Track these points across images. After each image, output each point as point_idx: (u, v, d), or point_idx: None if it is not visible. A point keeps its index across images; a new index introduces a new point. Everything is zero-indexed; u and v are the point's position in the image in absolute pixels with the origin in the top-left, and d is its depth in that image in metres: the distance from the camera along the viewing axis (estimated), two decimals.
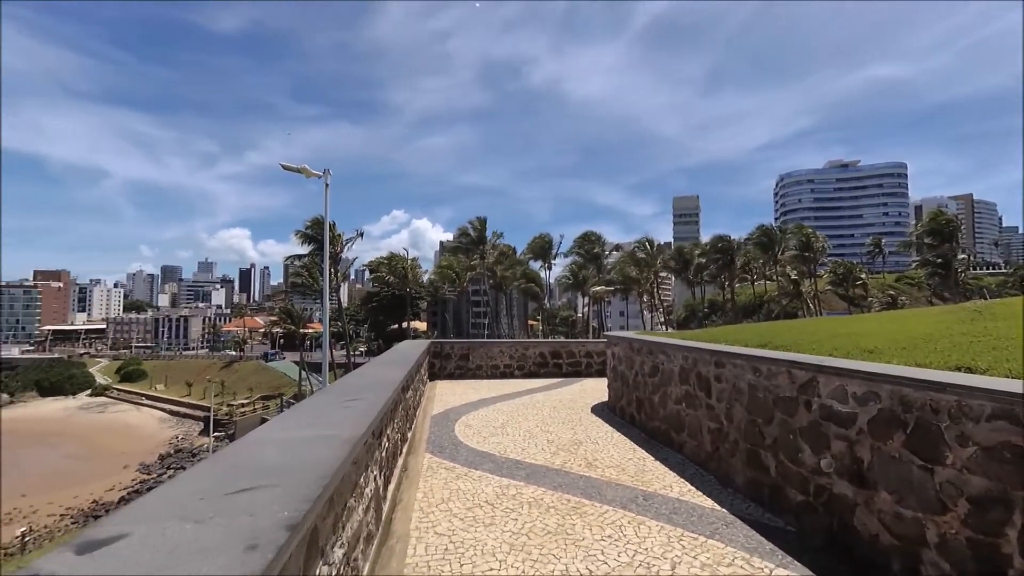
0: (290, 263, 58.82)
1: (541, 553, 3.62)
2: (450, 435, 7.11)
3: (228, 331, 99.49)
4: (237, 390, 58.86)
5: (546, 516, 4.26)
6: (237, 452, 2.59)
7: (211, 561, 1.45)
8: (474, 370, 13.19)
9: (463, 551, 3.66)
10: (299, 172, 11.55)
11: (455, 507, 4.47)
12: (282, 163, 11.25)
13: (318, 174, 11.79)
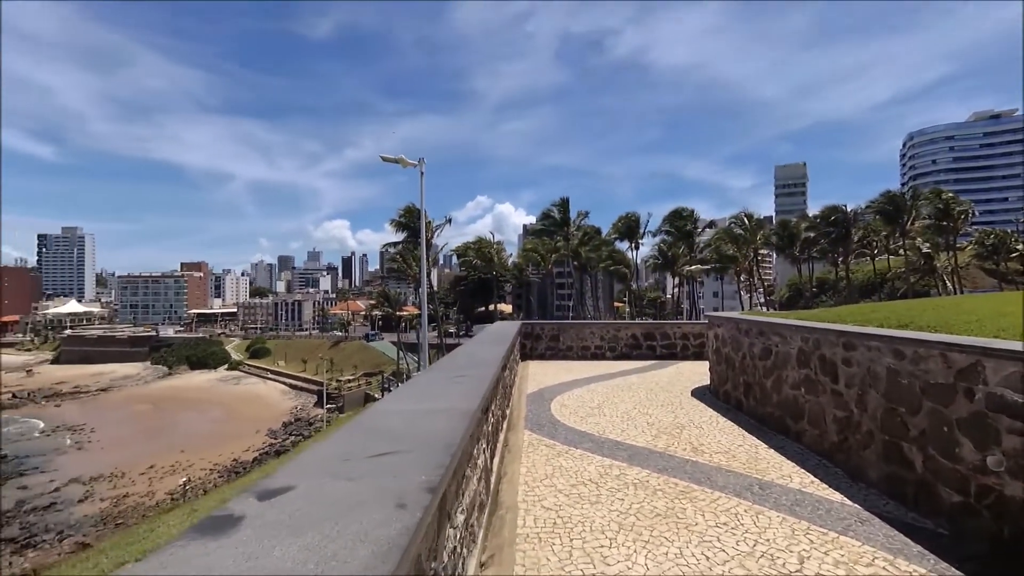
0: (385, 250, 62.75)
1: (652, 535, 3.54)
2: (547, 414, 7.19)
3: (334, 314, 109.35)
4: (344, 367, 64.59)
5: (654, 498, 4.16)
6: (368, 421, 2.82)
7: (368, 515, 1.59)
8: (564, 351, 13.20)
9: (571, 526, 3.70)
10: (397, 162, 12.22)
11: (559, 483, 4.53)
12: (382, 155, 11.99)
13: (414, 163, 12.39)
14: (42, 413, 53.22)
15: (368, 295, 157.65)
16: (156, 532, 3.83)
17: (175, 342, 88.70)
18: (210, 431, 45.80)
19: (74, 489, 32.72)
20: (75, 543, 25.59)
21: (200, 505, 4.78)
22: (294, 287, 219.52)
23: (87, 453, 40.24)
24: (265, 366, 74.22)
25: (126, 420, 50.28)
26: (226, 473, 36.12)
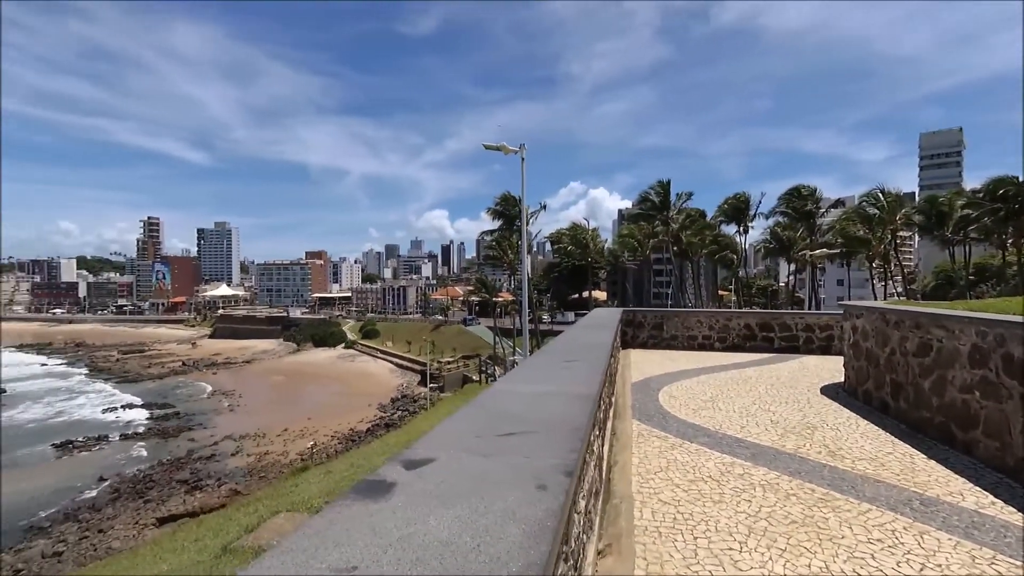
0: (482, 238, 64.60)
1: (789, 544, 3.20)
2: (655, 404, 6.89)
3: (435, 299, 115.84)
4: (444, 349, 68.24)
5: (787, 503, 3.77)
6: (490, 401, 2.86)
7: (511, 492, 1.58)
8: (668, 340, 12.57)
9: (693, 524, 3.48)
10: (499, 149, 12.42)
11: (675, 477, 4.30)
12: (484, 143, 12.27)
13: (515, 150, 12.51)
14: (204, 379, 63.41)
15: (465, 282, 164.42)
16: (299, 488, 4.43)
17: (302, 322, 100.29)
18: (331, 402, 51.13)
19: (227, 444, 38.59)
20: (229, 489, 30.29)
21: (333, 467, 5.40)
22: (399, 274, 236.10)
23: (237, 415, 47.17)
24: (375, 346, 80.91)
25: (265, 389, 58.03)
26: (344, 440, 40.11)
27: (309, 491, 4.35)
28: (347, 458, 6.11)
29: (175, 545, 3.83)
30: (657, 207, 54.68)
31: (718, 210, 55.39)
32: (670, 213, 54.50)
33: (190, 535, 4.00)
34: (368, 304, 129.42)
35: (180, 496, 29.41)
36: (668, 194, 54.06)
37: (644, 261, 72.06)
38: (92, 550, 23.42)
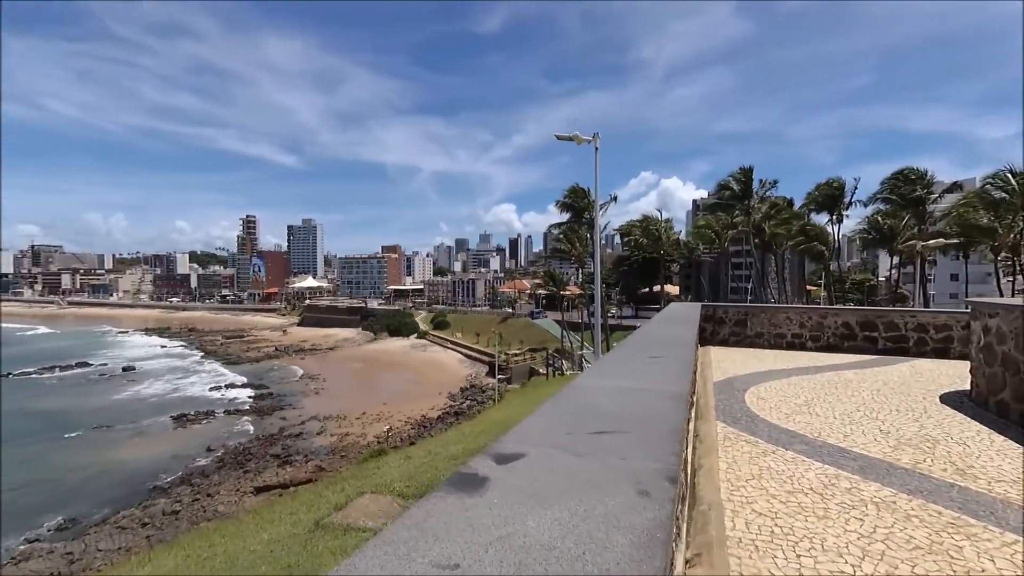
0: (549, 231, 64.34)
1: (914, 572, 2.81)
2: (740, 406, 6.43)
3: (503, 292, 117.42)
4: (511, 341, 69.07)
5: (907, 525, 3.32)
6: (575, 396, 2.76)
7: (612, 496, 1.48)
8: (752, 337, 11.72)
9: (795, 540, 3.16)
10: (571, 139, 12.18)
11: (770, 487, 3.95)
12: (556, 134, 12.09)
13: (588, 139, 12.20)
14: (293, 363, 69.01)
15: (532, 275, 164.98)
16: (381, 471, 4.65)
17: (378, 312, 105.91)
18: (404, 389, 53.60)
19: (313, 424, 41.72)
20: (315, 466, 32.78)
21: (411, 453, 5.68)
22: (468, 267, 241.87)
23: (321, 397, 50.86)
24: (445, 337, 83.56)
25: (346, 374, 62.03)
26: (416, 426, 41.92)
27: (390, 475, 4.51)
28: (424, 445, 6.35)
29: (273, 516, 4.14)
30: (737, 196, 51.30)
31: (807, 198, 50.89)
32: (752, 202, 50.93)
33: (286, 508, 4.31)
34: (439, 296, 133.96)
35: (273, 469, 32.30)
36: (750, 181, 50.50)
37: (721, 254, 68.15)
38: (202, 511, 26.40)
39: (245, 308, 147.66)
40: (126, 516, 26.08)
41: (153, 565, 3.45)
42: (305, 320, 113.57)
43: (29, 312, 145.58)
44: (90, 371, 63.88)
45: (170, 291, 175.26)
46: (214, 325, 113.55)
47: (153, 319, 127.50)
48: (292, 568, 2.97)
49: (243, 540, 3.71)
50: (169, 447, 36.35)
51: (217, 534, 4.05)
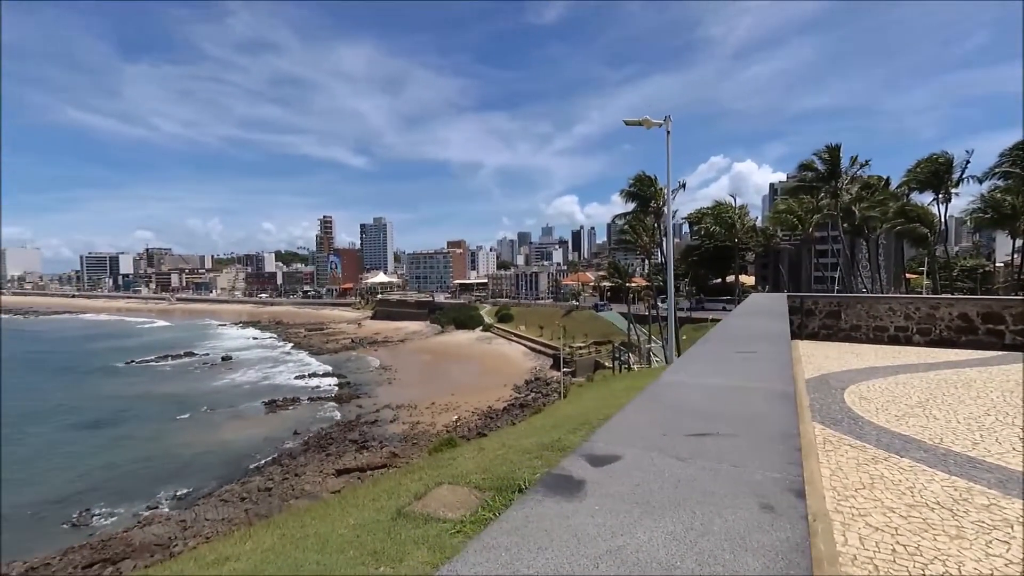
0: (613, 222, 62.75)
1: None
2: (840, 406, 5.83)
3: (566, 284, 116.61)
4: (575, 334, 68.40)
5: None
6: (665, 393, 2.58)
7: (730, 509, 1.31)
8: (847, 331, 10.66)
9: (923, 561, 2.77)
10: (640, 124, 11.65)
11: (886, 499, 3.51)
12: (625, 119, 11.61)
13: (659, 122, 11.60)
14: (368, 354, 72.91)
15: (596, 267, 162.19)
16: (456, 462, 4.75)
17: (445, 306, 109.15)
18: (470, 381, 54.85)
19: (387, 412, 43.83)
20: (389, 452, 34.49)
21: (485, 445, 5.74)
22: (531, 260, 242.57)
23: (394, 387, 53.31)
24: (510, 329, 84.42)
25: (416, 365, 64.56)
26: (483, 417, 42.75)
27: (465, 466, 4.54)
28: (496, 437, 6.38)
29: (357, 501, 4.31)
30: (823, 176, 47.05)
31: (908, 175, 45.61)
32: (840, 182, 46.51)
33: (368, 494, 4.47)
34: (502, 289, 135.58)
35: (352, 453, 34.37)
36: (837, 160, 46.10)
37: (804, 240, 63.02)
38: (291, 489, 28.67)
39: (324, 303, 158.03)
40: (228, 490, 28.93)
41: (253, 541, 3.69)
42: (377, 314, 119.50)
43: (146, 307, 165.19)
44: (195, 360, 71.38)
45: (259, 288, 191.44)
46: (297, 319, 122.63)
47: (246, 313, 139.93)
48: (378, 554, 3.03)
49: (331, 523, 3.87)
50: (262, 430, 39.78)
51: (308, 515, 4.27)
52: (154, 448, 35.89)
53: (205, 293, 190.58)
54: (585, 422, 5.03)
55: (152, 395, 51.10)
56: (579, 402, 7.74)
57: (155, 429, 40.26)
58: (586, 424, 4.92)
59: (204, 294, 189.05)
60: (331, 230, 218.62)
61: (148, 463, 33.08)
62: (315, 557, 3.22)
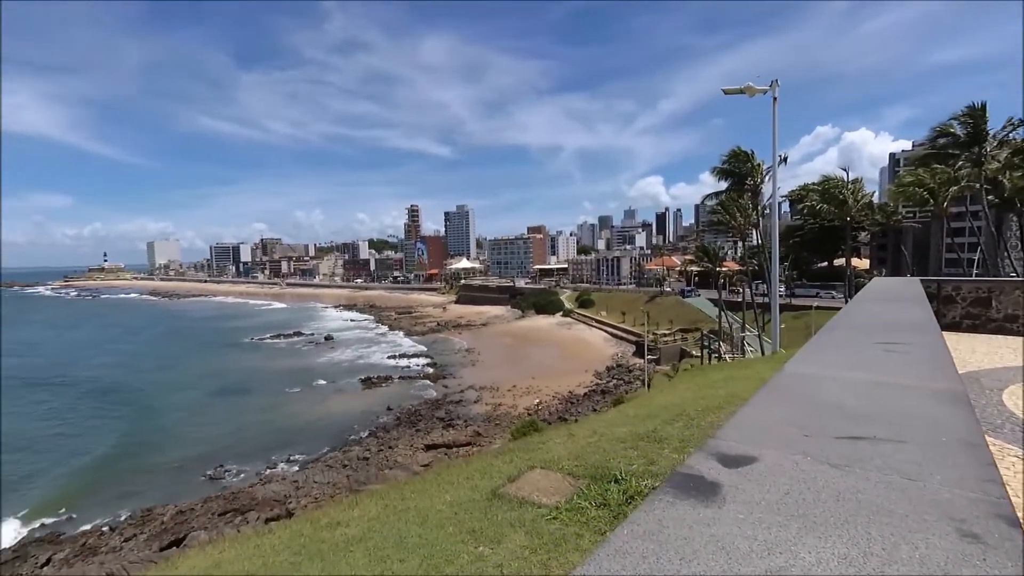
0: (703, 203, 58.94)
1: None
2: (998, 408, 4.92)
3: (650, 269, 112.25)
4: (659, 321, 65.82)
5: None
6: (797, 387, 2.28)
7: (919, 534, 1.07)
8: (1000, 321, 9.05)
9: None
10: (741, 92, 10.59)
11: None
12: (724, 88, 10.60)
13: (763, 89, 10.47)
14: (452, 337, 76.01)
15: (682, 251, 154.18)
16: (547, 446, 4.72)
17: (525, 291, 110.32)
18: (551, 365, 55.11)
19: (470, 393, 45.49)
20: (473, 431, 35.85)
21: (575, 431, 5.69)
22: (612, 244, 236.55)
23: (477, 369, 55.13)
24: (590, 315, 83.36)
25: (498, 349, 66.14)
26: (564, 401, 42.83)
27: (556, 451, 4.49)
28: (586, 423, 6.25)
29: (451, 478, 4.44)
30: (962, 142, 40.25)
31: None
32: (985, 148, 39.50)
33: (462, 472, 4.59)
34: (583, 274, 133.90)
35: (439, 430, 36.22)
36: (982, 122, 39.10)
37: (934, 216, 54.72)
38: (385, 460, 30.93)
39: (412, 287, 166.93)
40: (332, 457, 31.92)
41: (360, 509, 3.92)
42: (461, 298, 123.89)
43: (262, 291, 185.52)
44: (303, 339, 79.07)
45: (355, 273, 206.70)
46: (388, 302, 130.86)
47: (344, 297, 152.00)
48: (476, 533, 3.06)
49: (430, 498, 3.99)
50: (359, 404, 43.22)
51: (408, 488, 4.46)
52: (271, 416, 40.52)
53: (309, 279, 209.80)
54: (682, 413, 4.73)
55: (269, 369, 57.56)
56: (672, 391, 7.36)
57: (271, 399, 45.38)
58: (683, 416, 4.62)
59: (308, 279, 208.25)
60: (418, 218, 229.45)
61: (267, 429, 37.45)
62: (417, 530, 3.31)
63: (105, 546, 22.41)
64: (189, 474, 30.13)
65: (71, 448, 34.75)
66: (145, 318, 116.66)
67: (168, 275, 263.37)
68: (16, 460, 32.40)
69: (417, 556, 2.81)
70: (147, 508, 25.46)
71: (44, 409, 44.10)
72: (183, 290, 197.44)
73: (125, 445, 34.71)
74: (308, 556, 3.08)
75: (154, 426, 38.73)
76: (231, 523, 23.23)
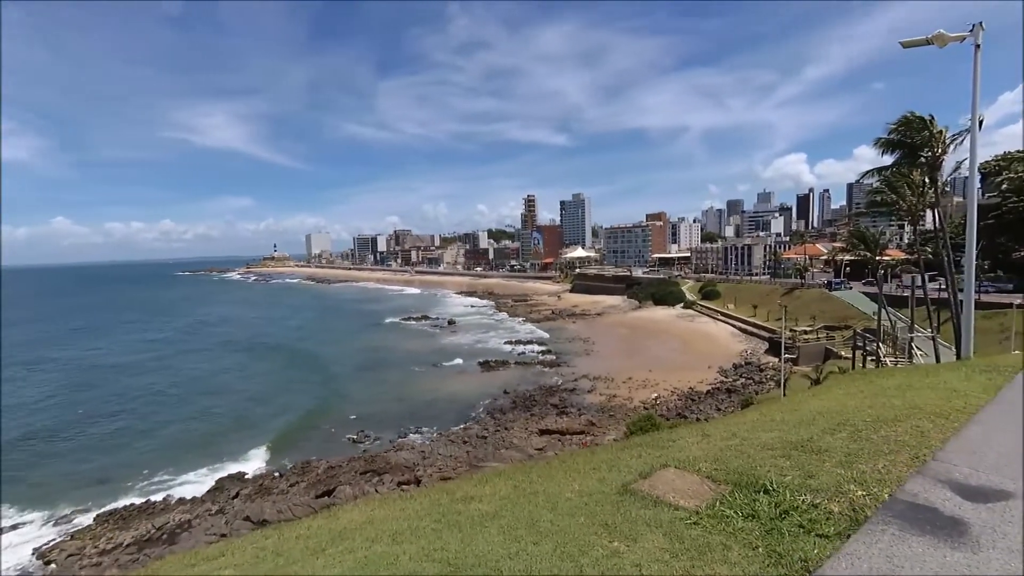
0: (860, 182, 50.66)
1: None
2: None
3: (788, 258, 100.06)
4: (798, 316, 58.58)
5: None
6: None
7: None
8: None
9: None
10: (928, 43, 8.63)
11: None
12: (902, 40, 8.75)
13: (959, 36, 8.39)
14: (567, 326, 76.25)
15: (829, 237, 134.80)
16: (678, 444, 4.43)
17: (643, 281, 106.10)
18: (669, 358, 52.41)
19: (584, 382, 45.26)
20: (586, 420, 35.66)
21: (709, 431, 5.27)
22: (743, 231, 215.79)
23: (591, 358, 54.63)
24: (715, 307, 77.39)
25: (613, 339, 64.77)
26: (683, 398, 40.48)
27: (690, 451, 4.19)
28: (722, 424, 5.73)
29: (577, 466, 4.40)
30: None
31: None
32: None
33: (587, 461, 4.53)
34: (707, 264, 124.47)
35: (552, 416, 36.71)
36: None
37: None
38: (502, 441, 32.28)
39: (528, 276, 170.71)
40: (454, 432, 34.26)
41: (491, 487, 4.07)
42: (576, 287, 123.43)
43: (395, 278, 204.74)
44: (429, 322, 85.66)
45: (475, 262, 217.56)
46: (506, 290, 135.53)
47: (465, 284, 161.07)
48: (609, 528, 2.99)
49: (557, 484, 3.99)
50: (478, 385, 45.61)
51: (534, 471, 4.52)
52: (402, 390, 44.74)
53: (434, 267, 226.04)
54: (844, 423, 4.13)
55: (401, 348, 63.49)
56: (826, 396, 6.47)
57: (402, 375, 50.07)
58: (846, 425, 4.04)
59: (434, 268, 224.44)
60: (534, 208, 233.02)
61: (399, 402, 41.47)
62: (548, 516, 3.32)
63: (276, 488, 26.84)
64: (338, 435, 34.70)
65: (275, 405, 42.25)
66: (306, 299, 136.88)
67: (321, 263, 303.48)
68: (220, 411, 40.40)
69: (550, 541, 2.81)
70: (306, 460, 29.89)
71: (250, 372, 54.47)
72: (332, 276, 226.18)
73: (307, 406, 41.21)
74: (447, 525, 3.27)
75: (330, 391, 45.38)
76: (370, 482, 26.27)
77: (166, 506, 25.43)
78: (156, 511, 24.83)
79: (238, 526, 22.11)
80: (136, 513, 24.66)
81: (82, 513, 24.94)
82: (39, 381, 51.65)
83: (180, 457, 31.19)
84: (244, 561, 3.10)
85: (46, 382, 51.15)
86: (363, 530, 3.34)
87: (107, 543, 22.07)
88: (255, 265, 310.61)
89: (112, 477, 28.81)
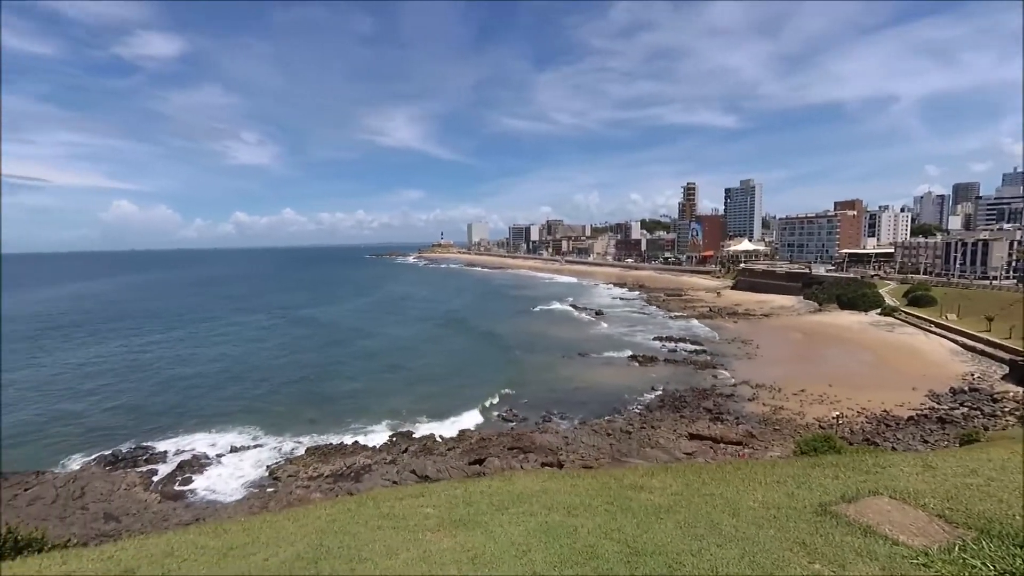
0: None
1: None
2: None
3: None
4: None
5: None
6: None
7: None
8: None
9: None
10: None
11: None
12: None
13: None
14: (725, 325, 69.70)
15: None
16: (888, 471, 3.67)
17: (826, 280, 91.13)
18: (858, 373, 44.38)
19: (744, 389, 40.97)
20: (746, 431, 32.24)
21: (934, 462, 4.27)
22: (976, 222, 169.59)
23: (753, 363, 49.17)
24: (928, 316, 63.02)
25: (782, 344, 57.22)
26: (875, 421, 34.09)
27: (907, 481, 3.51)
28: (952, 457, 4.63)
29: (753, 475, 4.02)
30: None
31: None
32: None
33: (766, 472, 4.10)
34: (919, 262, 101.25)
35: (705, 421, 34.10)
36: None
37: None
38: (647, 439, 31.17)
39: (683, 269, 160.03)
40: (597, 423, 34.19)
41: (659, 480, 3.98)
42: (739, 284, 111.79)
43: (546, 267, 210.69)
44: (577, 311, 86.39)
45: (626, 253, 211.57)
46: (657, 283, 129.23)
47: (614, 276, 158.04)
48: (808, 548, 2.73)
49: (735, 490, 3.74)
50: (624, 379, 44.62)
51: (705, 472, 4.29)
52: (548, 375, 46.14)
53: (584, 257, 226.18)
54: None
55: (549, 334, 65.36)
56: None
57: (549, 360, 51.56)
58: None
59: (584, 258, 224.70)
60: (694, 196, 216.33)
61: (545, 386, 42.88)
62: (730, 520, 3.15)
63: (436, 450, 30.21)
64: (490, 412, 37.45)
65: (461, 377, 48.00)
66: (468, 283, 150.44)
67: (479, 250, 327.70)
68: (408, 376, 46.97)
69: (736, 547, 2.66)
70: (463, 429, 32.95)
71: (443, 344, 62.35)
72: (489, 263, 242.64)
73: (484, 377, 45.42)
74: (620, 509, 3.31)
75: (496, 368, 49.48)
76: (516, 458, 27.84)
77: (354, 449, 30.49)
78: (347, 452, 29.98)
79: (405, 476, 25.51)
80: (333, 451, 30.11)
81: (298, 445, 31.42)
82: (301, 335, 69.55)
83: (368, 409, 37.43)
84: (440, 503, 3.59)
85: (310, 335, 68.77)
86: (539, 498, 3.58)
87: (313, 472, 27.45)
88: (426, 251, 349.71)
89: (319, 419, 35.77)
